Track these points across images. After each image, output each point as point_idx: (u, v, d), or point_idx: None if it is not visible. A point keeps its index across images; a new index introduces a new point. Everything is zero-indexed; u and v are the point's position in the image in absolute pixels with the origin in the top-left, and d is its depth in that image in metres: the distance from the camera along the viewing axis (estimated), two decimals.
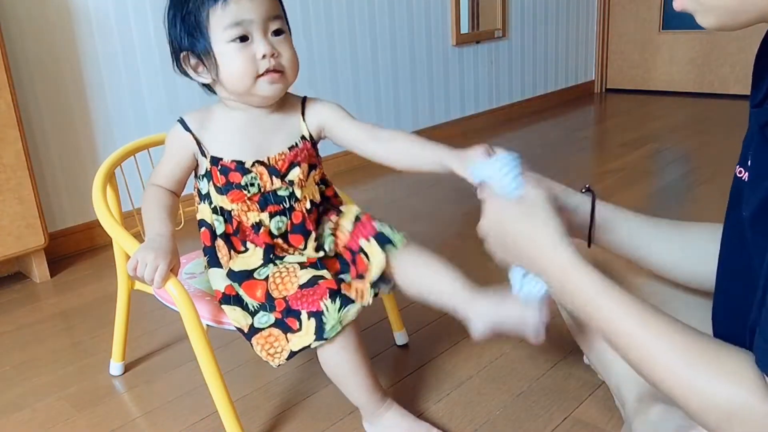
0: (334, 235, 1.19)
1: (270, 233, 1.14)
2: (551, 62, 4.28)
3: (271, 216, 1.14)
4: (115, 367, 1.52)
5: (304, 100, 1.21)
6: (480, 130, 3.76)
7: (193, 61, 1.12)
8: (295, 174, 1.15)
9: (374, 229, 1.16)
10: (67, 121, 2.22)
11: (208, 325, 1.17)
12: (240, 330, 1.13)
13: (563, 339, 1.45)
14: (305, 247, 1.16)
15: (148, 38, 2.37)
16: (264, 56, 1.07)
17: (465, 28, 3.60)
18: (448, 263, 1.15)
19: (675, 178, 2.78)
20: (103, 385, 1.49)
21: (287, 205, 1.14)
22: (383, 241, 1.15)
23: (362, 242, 1.15)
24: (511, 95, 4.02)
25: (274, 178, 1.13)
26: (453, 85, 3.62)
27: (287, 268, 1.12)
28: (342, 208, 1.23)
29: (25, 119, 2.05)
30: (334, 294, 1.07)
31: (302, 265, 1.12)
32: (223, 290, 1.15)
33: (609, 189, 2.61)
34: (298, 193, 1.15)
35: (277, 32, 1.10)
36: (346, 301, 1.08)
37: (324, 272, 1.12)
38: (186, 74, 1.15)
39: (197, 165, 1.18)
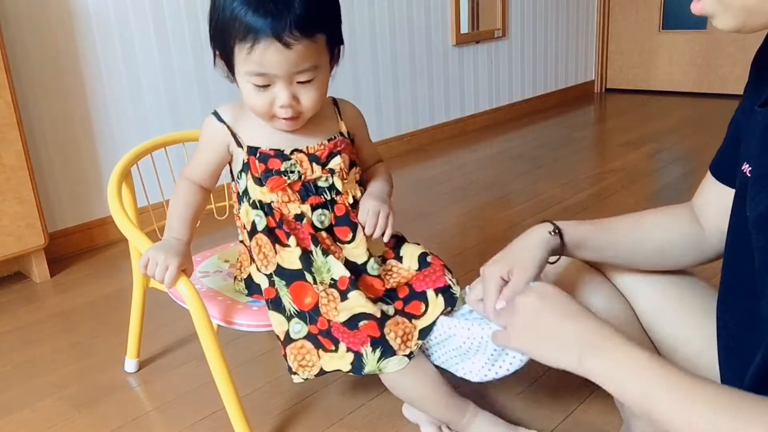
0: (391, 272, 1.16)
1: (313, 226, 1.11)
2: (551, 62, 4.28)
3: (313, 209, 1.11)
4: (130, 363, 1.52)
5: (334, 101, 1.20)
6: (480, 130, 3.76)
7: (220, 62, 1.09)
8: (336, 162, 1.12)
9: (444, 281, 1.12)
10: (67, 121, 2.22)
11: (218, 325, 1.17)
12: (278, 336, 1.11)
13: None
14: (353, 239, 1.13)
15: (148, 38, 2.37)
16: (282, 106, 1.04)
17: (465, 28, 3.60)
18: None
19: (675, 178, 2.78)
20: (103, 384, 1.49)
21: (329, 198, 1.12)
22: (449, 302, 1.11)
23: (429, 292, 1.11)
24: (511, 95, 4.02)
25: (314, 165, 1.11)
26: (453, 85, 3.62)
27: (327, 294, 1.08)
28: (403, 250, 1.18)
29: (25, 119, 2.05)
30: (376, 343, 1.05)
31: (342, 293, 1.07)
32: (265, 295, 1.12)
33: (609, 189, 2.62)
34: (339, 185, 1.12)
35: (306, 80, 1.04)
36: (388, 351, 1.05)
37: (363, 305, 1.06)
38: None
39: (231, 162, 1.16)
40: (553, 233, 1.00)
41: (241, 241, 1.20)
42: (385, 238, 1.14)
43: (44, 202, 2.11)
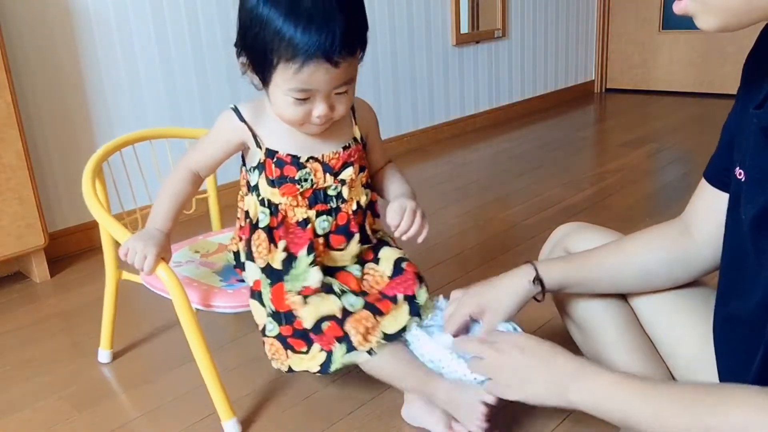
0: (367, 275, 1.20)
1: (314, 232, 1.14)
2: (551, 62, 4.28)
3: (318, 215, 1.14)
4: (104, 354, 1.55)
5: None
6: (480, 130, 3.76)
7: (248, 69, 1.08)
8: (348, 174, 1.15)
9: (413, 291, 1.16)
10: (67, 121, 2.22)
11: (197, 309, 1.22)
12: (257, 325, 1.18)
13: (563, 339, 1.45)
14: (346, 247, 1.17)
15: (148, 38, 2.37)
16: (319, 116, 1.05)
17: (465, 28, 3.60)
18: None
19: (675, 178, 2.78)
20: (103, 385, 1.49)
21: (334, 205, 1.14)
22: (414, 311, 1.14)
23: (399, 297, 1.15)
24: (511, 95, 4.02)
25: (327, 175, 1.13)
26: (453, 85, 3.62)
27: (293, 303, 1.13)
28: (381, 252, 1.22)
29: (25, 119, 2.05)
30: (341, 340, 1.10)
31: (304, 297, 1.12)
32: (251, 285, 1.18)
33: (609, 189, 2.62)
34: (345, 193, 1.14)
35: (343, 91, 1.06)
36: (351, 348, 1.10)
37: (324, 304, 1.11)
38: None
39: (244, 155, 1.18)
40: (533, 282, 1.05)
41: (238, 218, 1.23)
42: (420, 239, 1.16)
43: (44, 202, 2.11)
